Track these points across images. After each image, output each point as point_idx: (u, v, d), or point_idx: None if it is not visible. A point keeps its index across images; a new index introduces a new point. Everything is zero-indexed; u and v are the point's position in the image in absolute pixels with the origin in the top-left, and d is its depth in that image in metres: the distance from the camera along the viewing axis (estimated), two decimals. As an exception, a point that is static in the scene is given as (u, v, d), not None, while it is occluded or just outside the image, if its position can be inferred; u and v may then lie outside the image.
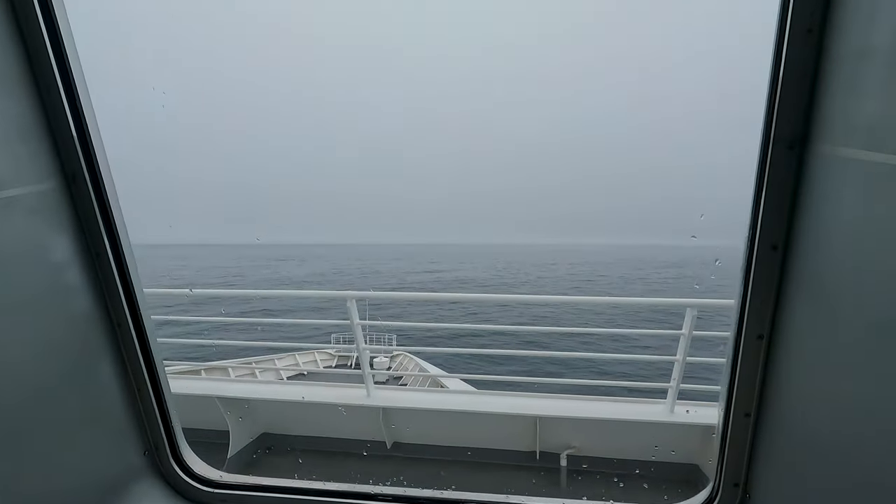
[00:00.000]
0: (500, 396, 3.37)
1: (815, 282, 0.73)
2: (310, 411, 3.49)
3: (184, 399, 3.54)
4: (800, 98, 0.72)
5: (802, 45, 0.70)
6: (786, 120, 0.73)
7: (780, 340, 0.82)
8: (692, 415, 3.00)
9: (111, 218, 0.95)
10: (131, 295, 1.01)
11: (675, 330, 2.84)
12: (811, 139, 0.72)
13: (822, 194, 0.71)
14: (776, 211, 0.77)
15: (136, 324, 1.02)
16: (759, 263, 0.81)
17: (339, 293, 3.13)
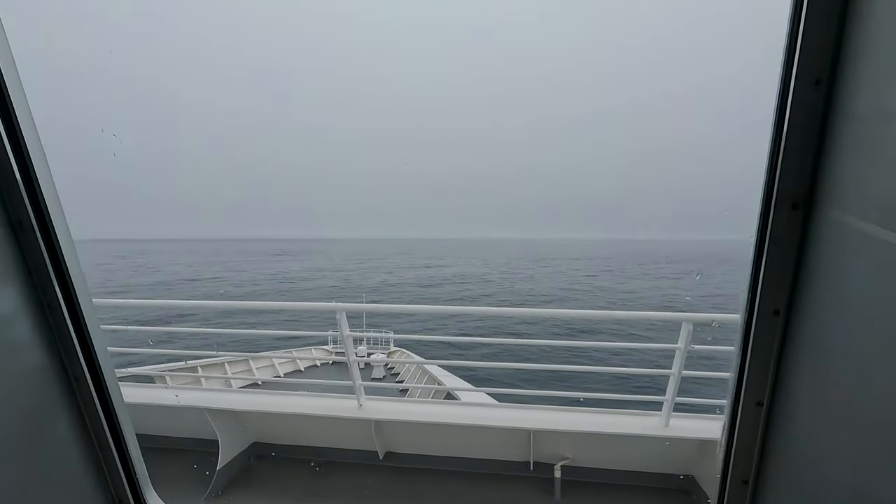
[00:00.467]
0: (494, 408, 3.33)
1: (818, 351, 0.68)
2: (301, 421, 3.45)
3: (172, 409, 3.50)
4: (806, 155, 0.65)
5: (810, 98, 0.63)
6: (790, 178, 0.67)
7: (780, 408, 0.76)
8: (688, 428, 2.97)
9: (63, 265, 0.89)
10: (88, 345, 0.94)
11: (671, 344, 2.80)
12: (818, 201, 0.65)
13: (828, 261, 0.64)
14: (779, 274, 0.71)
15: (94, 375, 0.95)
16: (760, 328, 0.75)
17: (329, 305, 3.07)
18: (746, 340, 0.76)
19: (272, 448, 3.66)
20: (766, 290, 0.72)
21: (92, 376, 0.95)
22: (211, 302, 3.28)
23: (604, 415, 3.17)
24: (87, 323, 0.94)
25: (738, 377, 0.79)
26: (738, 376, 0.80)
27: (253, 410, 3.32)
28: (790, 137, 0.64)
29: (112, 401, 1.00)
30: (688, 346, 2.72)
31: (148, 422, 3.78)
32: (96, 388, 0.96)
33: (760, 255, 0.71)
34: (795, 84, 0.62)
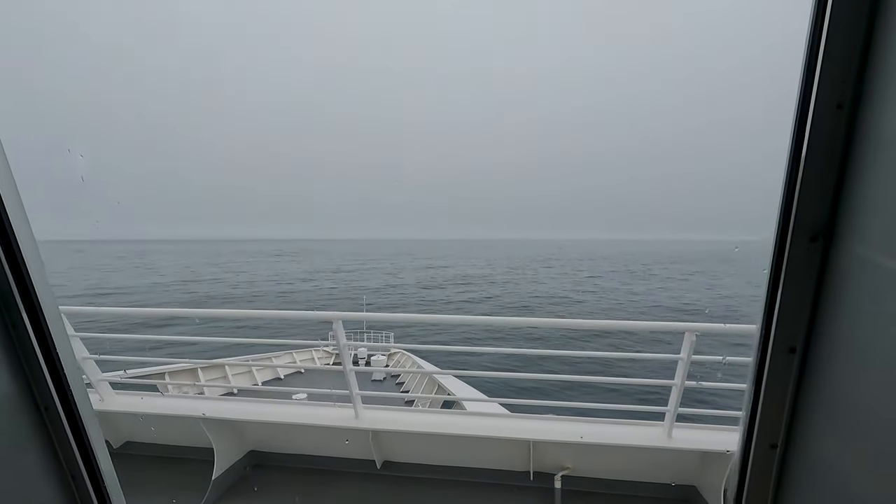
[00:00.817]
0: (494, 418, 3.29)
1: (836, 393, 0.62)
2: (298, 430, 3.42)
3: (167, 418, 3.47)
4: (826, 183, 0.60)
5: (831, 123, 0.57)
6: (809, 207, 0.61)
7: (795, 452, 0.71)
8: (691, 439, 2.93)
9: (29, 286, 0.83)
10: (58, 371, 0.89)
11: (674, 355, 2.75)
12: (839, 232, 0.60)
13: (850, 298, 0.59)
14: (795, 310, 0.65)
15: (65, 403, 0.90)
16: (774, 367, 0.69)
17: (325, 314, 3.02)
18: (759, 379, 0.71)
19: (269, 456, 3.62)
20: (782, 327, 0.66)
21: (63, 404, 0.90)
22: (206, 311, 3.25)
23: (605, 425, 3.13)
24: (56, 348, 0.88)
25: (751, 417, 0.74)
26: (749, 416, 0.74)
27: (249, 419, 3.29)
28: (809, 164, 0.59)
29: (84, 427, 0.95)
30: (690, 356, 2.68)
31: (143, 430, 3.75)
32: (68, 417, 0.91)
33: (776, 288, 0.66)
34: (815, 108, 0.57)
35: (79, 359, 3.25)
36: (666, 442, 2.91)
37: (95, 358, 3.36)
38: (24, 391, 0.85)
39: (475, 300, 32.14)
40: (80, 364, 3.28)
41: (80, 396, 0.93)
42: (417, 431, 3.15)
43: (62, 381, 0.90)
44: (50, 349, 0.87)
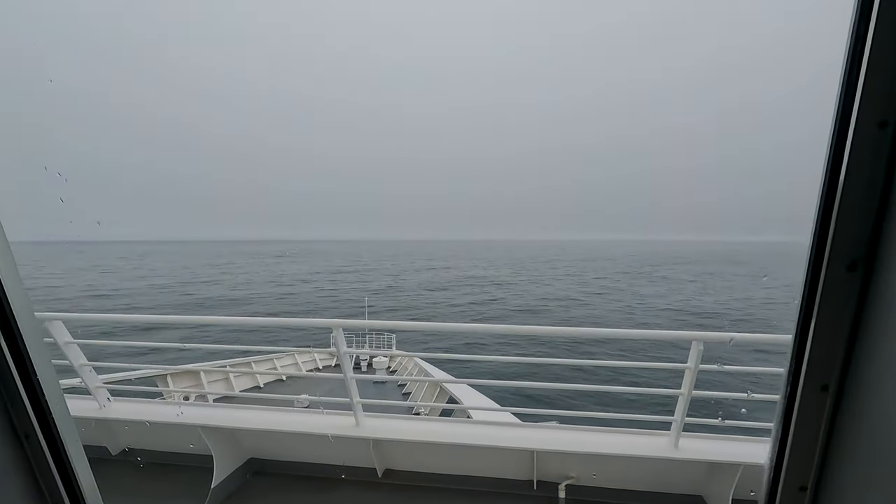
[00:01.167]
0: (496, 427, 3.24)
1: (873, 435, 0.57)
2: (298, 438, 3.38)
3: (167, 426, 3.44)
4: (867, 208, 0.54)
5: (874, 142, 0.52)
6: (846, 235, 0.56)
7: (826, 495, 0.65)
8: (697, 449, 2.88)
9: (7, 310, 0.79)
10: (38, 398, 0.84)
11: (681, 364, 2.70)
12: (880, 262, 0.54)
13: (891, 331, 0.53)
14: (829, 344, 0.60)
15: (46, 431, 0.86)
16: (805, 405, 0.63)
17: (325, 321, 2.99)
18: (788, 417, 0.65)
19: (269, 464, 3.58)
20: (814, 362, 0.61)
21: (44, 432, 0.85)
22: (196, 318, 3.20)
23: (610, 434, 3.08)
24: (36, 373, 0.83)
25: (778, 458, 0.68)
26: (777, 456, 0.68)
27: (248, 428, 3.25)
28: (849, 186, 0.53)
29: (69, 456, 0.90)
30: (697, 366, 2.63)
31: (141, 437, 3.72)
32: (50, 446, 0.86)
33: (808, 319, 0.60)
34: (856, 125, 0.51)
35: (76, 366, 3.21)
36: (672, 452, 2.86)
37: (93, 365, 3.32)
38: (2, 419, 0.81)
39: (478, 302, 31.46)
40: (78, 371, 3.25)
41: (61, 420, 0.88)
42: (418, 440, 3.11)
43: (42, 405, 0.85)
44: (29, 375, 0.83)
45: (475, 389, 7.34)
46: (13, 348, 0.80)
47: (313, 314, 26.59)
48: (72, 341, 3.15)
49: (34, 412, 0.84)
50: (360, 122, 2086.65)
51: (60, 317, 3.08)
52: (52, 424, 0.86)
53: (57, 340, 3.09)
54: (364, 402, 3.18)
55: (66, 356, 3.15)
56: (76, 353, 3.21)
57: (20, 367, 0.82)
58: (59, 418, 0.87)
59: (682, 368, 2.69)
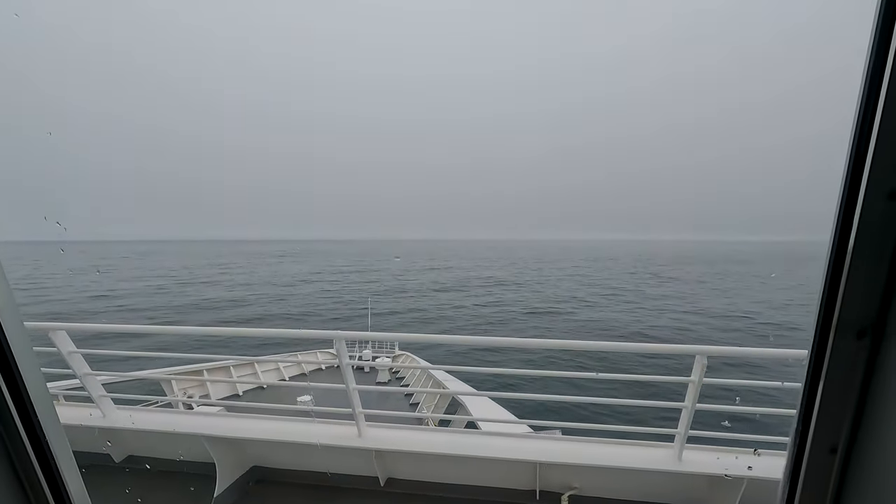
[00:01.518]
0: (499, 438, 3.24)
1: (878, 495, 0.56)
2: (300, 447, 3.38)
3: (169, 435, 3.45)
4: (875, 278, 0.53)
5: (882, 213, 0.51)
6: (856, 301, 0.55)
7: None
8: (701, 462, 2.87)
9: (8, 354, 0.78)
10: (31, 419, 0.83)
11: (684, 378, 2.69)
12: (889, 327, 0.53)
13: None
14: (838, 407, 0.59)
15: (47, 473, 0.85)
16: (812, 467, 0.63)
17: (327, 333, 2.99)
18: (795, 481, 0.64)
19: (272, 472, 3.59)
20: (822, 424, 0.60)
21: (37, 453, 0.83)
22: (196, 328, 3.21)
23: (613, 446, 3.08)
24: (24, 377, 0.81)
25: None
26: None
27: (251, 438, 3.26)
28: (857, 255, 0.53)
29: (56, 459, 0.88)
30: (701, 379, 2.63)
31: (145, 444, 3.74)
32: (51, 487, 0.86)
33: (816, 382, 0.59)
34: (865, 196, 0.50)
35: (80, 375, 3.23)
36: (675, 465, 2.85)
37: (97, 374, 3.34)
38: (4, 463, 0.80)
39: (483, 304, 30.18)
40: (82, 380, 3.27)
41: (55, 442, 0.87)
42: (421, 451, 3.11)
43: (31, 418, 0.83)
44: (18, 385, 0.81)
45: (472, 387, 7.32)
46: (4, 366, 0.79)
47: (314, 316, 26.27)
48: (75, 350, 3.16)
49: (23, 424, 0.82)
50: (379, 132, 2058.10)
51: (64, 327, 3.09)
52: (41, 437, 0.84)
53: (60, 350, 3.11)
54: (366, 412, 3.19)
55: (69, 365, 3.17)
56: (80, 363, 3.23)
57: (8, 378, 0.80)
58: (46, 428, 0.86)
59: (686, 382, 2.69)
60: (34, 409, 0.83)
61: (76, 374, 3.22)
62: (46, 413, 0.86)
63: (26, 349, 0.82)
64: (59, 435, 0.88)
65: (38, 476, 0.84)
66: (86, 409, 3.59)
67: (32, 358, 0.84)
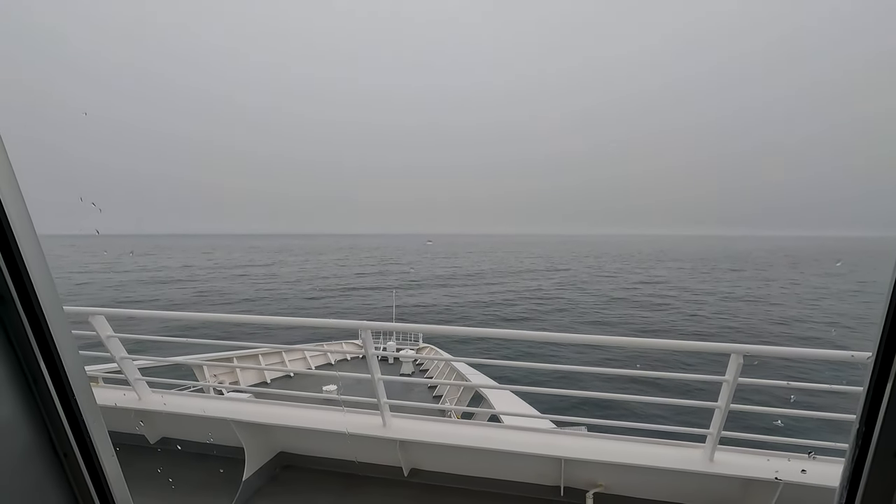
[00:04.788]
0: (524, 433, 3.21)
1: None
2: (327, 435, 3.44)
3: (201, 419, 3.56)
4: None
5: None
6: None
7: None
8: (734, 464, 2.76)
9: (49, 337, 0.81)
10: (76, 419, 0.87)
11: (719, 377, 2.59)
12: None
13: None
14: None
15: (84, 451, 0.88)
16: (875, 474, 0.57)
17: (352, 323, 3.01)
18: (855, 487, 0.59)
19: (298, 458, 3.67)
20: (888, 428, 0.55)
21: (82, 451, 0.88)
22: (227, 315, 3.29)
23: (642, 444, 3.00)
24: (75, 395, 0.86)
25: None
26: None
27: (279, 424, 3.33)
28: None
29: (106, 474, 0.93)
30: (736, 379, 2.52)
31: (178, 427, 3.87)
32: (87, 464, 0.89)
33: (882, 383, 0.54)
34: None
35: (118, 358, 3.36)
36: (707, 466, 2.76)
37: (134, 358, 3.46)
38: (43, 440, 0.84)
39: (546, 311, 26.93)
40: (119, 363, 3.40)
41: (99, 441, 0.91)
42: (445, 444, 3.11)
43: (80, 425, 0.88)
44: (68, 397, 0.85)
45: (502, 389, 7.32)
46: (54, 375, 0.83)
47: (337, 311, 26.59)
48: (113, 335, 3.29)
49: (72, 430, 0.86)
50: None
51: (103, 311, 3.22)
52: (88, 442, 0.89)
53: (99, 334, 3.23)
54: (391, 402, 3.20)
55: (108, 349, 3.30)
56: (117, 347, 3.35)
57: (60, 392, 0.84)
58: (94, 434, 0.89)
59: (720, 381, 2.59)
60: (72, 390, 0.86)
61: (114, 358, 3.35)
62: (84, 393, 0.89)
63: (65, 333, 0.86)
64: (95, 414, 0.91)
65: (76, 453, 0.88)
66: (122, 391, 3.73)
67: (71, 341, 0.88)
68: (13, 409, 0.79)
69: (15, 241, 0.76)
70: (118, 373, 3.59)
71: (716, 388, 2.65)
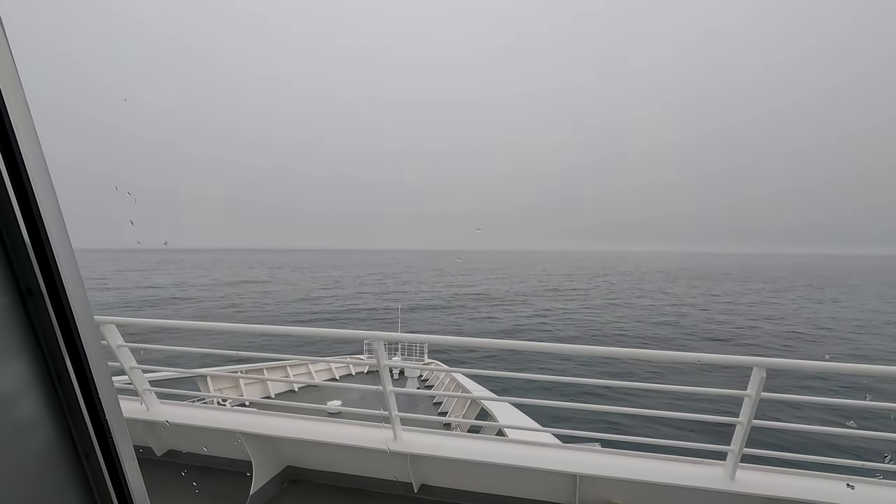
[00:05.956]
0: (538, 448, 3.14)
1: None
2: (335, 448, 3.39)
3: (209, 431, 3.51)
4: None
5: None
6: None
7: None
8: (756, 483, 2.68)
9: (75, 334, 0.79)
10: (100, 420, 0.84)
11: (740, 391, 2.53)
12: None
13: None
14: None
15: (106, 453, 0.86)
16: None
17: (365, 333, 2.98)
18: None
19: (306, 473, 3.61)
20: None
21: (104, 452, 0.85)
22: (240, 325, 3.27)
23: (659, 461, 2.92)
24: (99, 395, 0.84)
25: None
26: None
27: (287, 437, 3.28)
28: None
29: (127, 478, 0.90)
30: (759, 393, 2.46)
31: (185, 440, 3.83)
32: (108, 466, 0.86)
33: None
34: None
35: (127, 368, 3.34)
36: (728, 484, 2.67)
37: (142, 368, 3.44)
38: (65, 439, 0.82)
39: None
40: (129, 373, 3.38)
41: (121, 441, 0.88)
42: (457, 458, 3.04)
43: (103, 426, 0.85)
44: (92, 396, 0.83)
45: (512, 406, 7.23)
46: (80, 376, 0.81)
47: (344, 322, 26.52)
48: (124, 344, 3.28)
49: (95, 431, 0.84)
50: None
51: (114, 320, 3.21)
52: (110, 443, 0.86)
53: (110, 343, 3.22)
54: (402, 415, 3.15)
55: (117, 358, 3.28)
56: (127, 356, 3.34)
57: (85, 391, 0.82)
58: (116, 435, 0.87)
59: (742, 396, 2.53)
60: (96, 389, 0.85)
61: (123, 368, 3.33)
62: (108, 394, 0.87)
63: (92, 331, 0.85)
64: (118, 416, 0.90)
65: (98, 455, 0.86)
66: (130, 402, 3.70)
67: (97, 340, 0.86)
68: (36, 405, 0.77)
69: (47, 236, 0.75)
70: (127, 383, 3.57)
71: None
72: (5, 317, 0.72)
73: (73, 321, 0.79)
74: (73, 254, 0.79)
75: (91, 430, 0.83)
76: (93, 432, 0.83)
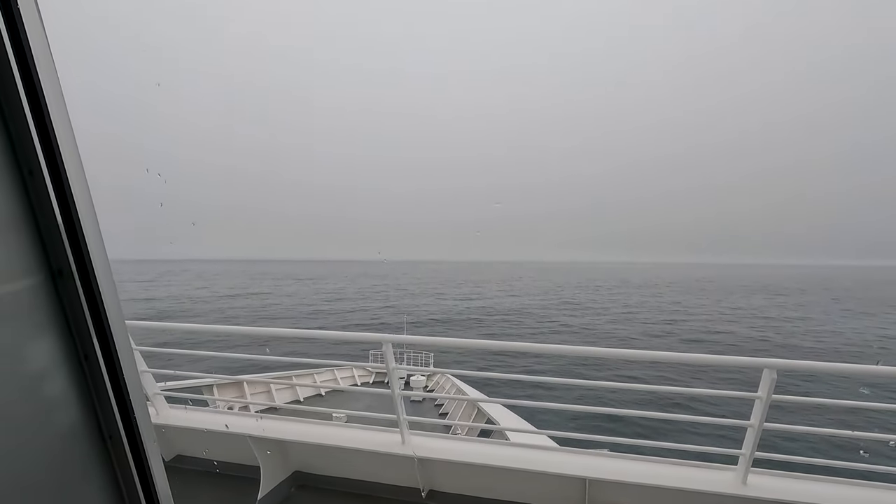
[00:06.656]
0: (546, 452, 3.11)
1: None
2: (343, 452, 3.38)
3: (218, 435, 3.52)
4: None
5: None
6: None
7: None
8: (768, 487, 2.63)
9: (103, 315, 0.82)
10: (124, 402, 0.86)
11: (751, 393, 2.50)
12: None
13: None
14: None
15: (129, 434, 0.87)
16: None
17: (375, 336, 2.99)
18: None
19: (313, 478, 3.60)
20: None
21: (128, 434, 0.87)
22: (251, 328, 3.30)
23: (669, 465, 2.89)
24: (125, 376, 0.86)
25: None
26: None
27: (296, 440, 3.28)
28: None
29: (148, 459, 0.92)
30: (770, 396, 2.43)
31: (194, 444, 3.83)
32: (132, 447, 0.88)
33: None
34: None
35: (137, 372, 3.37)
36: (740, 489, 2.64)
37: (154, 371, 3.47)
38: (90, 420, 0.84)
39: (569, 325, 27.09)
40: (139, 377, 3.40)
41: (143, 426, 0.90)
42: (465, 462, 3.03)
43: (128, 408, 0.88)
44: (118, 378, 0.86)
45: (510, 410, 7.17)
46: (107, 357, 0.83)
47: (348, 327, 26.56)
48: (135, 348, 3.31)
49: (119, 412, 0.86)
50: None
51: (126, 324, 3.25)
52: (134, 425, 0.88)
53: None
54: (410, 419, 3.14)
55: None
56: (138, 360, 3.37)
57: (111, 371, 0.85)
58: (139, 418, 0.89)
59: (753, 398, 2.50)
60: (122, 369, 0.87)
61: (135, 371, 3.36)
62: (132, 377, 0.90)
63: (118, 314, 0.88)
64: (141, 399, 0.92)
65: (122, 436, 0.88)
66: None
67: (123, 323, 0.89)
68: (63, 385, 0.79)
69: (78, 219, 0.77)
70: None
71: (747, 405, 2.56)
72: (37, 295, 0.75)
73: (101, 302, 0.81)
74: (101, 237, 0.82)
75: (116, 411, 0.85)
76: (118, 414, 0.85)
